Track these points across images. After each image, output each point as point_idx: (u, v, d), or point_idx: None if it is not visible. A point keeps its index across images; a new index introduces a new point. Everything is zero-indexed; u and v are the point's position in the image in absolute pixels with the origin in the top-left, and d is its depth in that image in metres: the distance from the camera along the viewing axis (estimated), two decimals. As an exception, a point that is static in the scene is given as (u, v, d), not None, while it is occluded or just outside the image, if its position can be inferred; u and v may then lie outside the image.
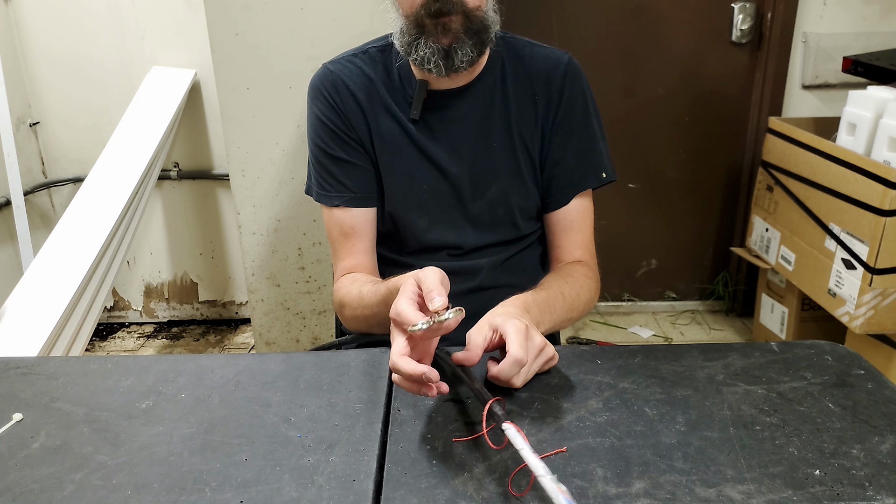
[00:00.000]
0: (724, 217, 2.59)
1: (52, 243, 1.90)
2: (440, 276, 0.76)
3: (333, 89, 1.07)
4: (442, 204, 1.09)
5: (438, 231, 1.10)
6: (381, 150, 1.07)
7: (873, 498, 0.63)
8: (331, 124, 1.06)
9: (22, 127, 2.35)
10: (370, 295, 0.95)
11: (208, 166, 2.45)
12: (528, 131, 1.08)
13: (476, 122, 1.07)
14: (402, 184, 1.08)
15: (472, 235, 1.10)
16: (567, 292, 0.99)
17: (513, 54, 1.09)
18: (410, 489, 0.65)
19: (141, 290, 2.63)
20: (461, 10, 0.94)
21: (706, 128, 2.46)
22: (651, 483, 0.65)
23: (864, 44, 2.25)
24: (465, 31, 0.96)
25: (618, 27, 2.34)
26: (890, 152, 1.70)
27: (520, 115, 1.07)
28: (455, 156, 1.07)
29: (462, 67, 0.98)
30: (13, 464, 0.69)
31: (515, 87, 1.08)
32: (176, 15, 2.26)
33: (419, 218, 1.09)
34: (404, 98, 1.07)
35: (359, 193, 1.08)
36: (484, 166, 1.07)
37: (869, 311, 1.76)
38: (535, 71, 1.08)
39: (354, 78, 1.07)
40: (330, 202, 1.08)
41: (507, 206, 1.09)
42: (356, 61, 1.09)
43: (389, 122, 1.07)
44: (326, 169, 1.08)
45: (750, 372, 0.83)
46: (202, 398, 0.80)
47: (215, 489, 0.65)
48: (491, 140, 1.07)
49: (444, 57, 0.96)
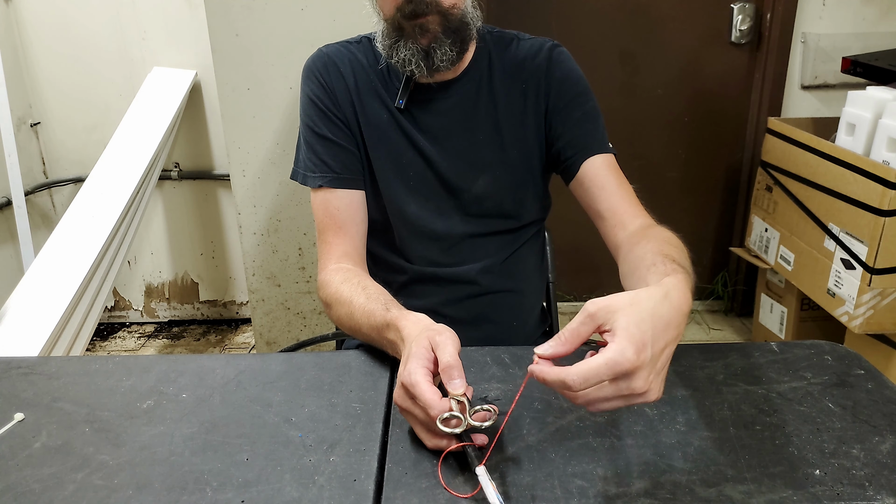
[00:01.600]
0: (723, 217, 2.59)
1: (53, 243, 1.90)
2: (456, 344, 0.70)
3: (325, 70, 1.08)
4: (428, 192, 1.09)
5: (426, 218, 1.09)
6: (368, 134, 1.07)
7: (873, 498, 0.63)
8: (320, 103, 1.07)
9: (23, 127, 2.35)
10: (362, 313, 0.89)
11: (209, 166, 2.45)
12: (519, 122, 1.08)
13: (461, 116, 1.07)
14: (390, 168, 1.08)
15: (460, 224, 1.10)
16: (675, 245, 0.84)
17: (500, 48, 1.10)
18: (411, 489, 0.65)
19: (142, 289, 2.63)
20: (436, 10, 0.95)
21: (705, 128, 2.47)
22: (651, 483, 0.65)
23: (863, 44, 2.25)
24: (444, 31, 0.96)
25: (617, 27, 2.35)
26: (889, 152, 1.70)
27: (508, 108, 1.08)
28: (440, 148, 1.07)
29: (443, 66, 0.98)
30: (15, 463, 0.69)
31: (503, 80, 1.08)
32: (176, 16, 2.26)
33: (406, 203, 1.08)
34: (393, 87, 1.07)
35: (342, 174, 1.07)
36: (470, 160, 1.08)
37: (868, 310, 1.76)
38: (520, 61, 1.09)
39: (346, 61, 1.08)
40: (313, 182, 1.07)
41: (496, 200, 1.09)
42: (351, 47, 1.10)
43: (378, 107, 1.07)
44: (312, 149, 1.07)
45: (750, 372, 0.83)
46: (203, 398, 0.80)
47: (216, 489, 0.65)
48: (476, 134, 1.08)
49: (425, 57, 0.97)
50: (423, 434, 0.70)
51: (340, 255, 1.05)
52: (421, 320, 0.79)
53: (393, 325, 0.82)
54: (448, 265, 1.11)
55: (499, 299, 1.14)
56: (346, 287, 0.96)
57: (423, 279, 1.11)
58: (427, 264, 1.11)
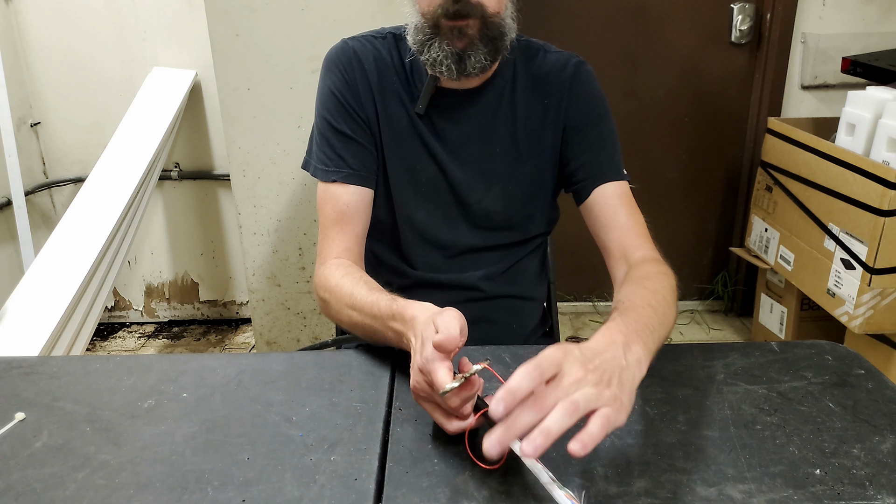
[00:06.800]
0: (723, 217, 2.59)
1: (53, 243, 1.90)
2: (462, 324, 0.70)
3: (349, 64, 1.05)
4: (438, 200, 1.08)
5: (434, 226, 1.08)
6: (386, 134, 1.06)
7: (874, 497, 0.63)
8: (341, 98, 1.05)
9: (23, 127, 2.35)
10: (365, 303, 0.88)
11: (209, 166, 2.45)
12: (537, 137, 1.07)
13: (480, 126, 1.06)
14: (403, 172, 1.06)
15: (466, 234, 1.09)
16: (654, 302, 0.81)
17: (525, 58, 1.08)
18: (412, 488, 0.65)
19: (142, 289, 2.63)
20: (479, 15, 0.93)
21: (705, 128, 2.47)
22: (652, 482, 0.65)
23: (862, 44, 2.26)
24: (481, 37, 0.94)
25: (618, 27, 2.35)
26: (889, 152, 1.71)
27: (527, 121, 1.06)
28: (455, 157, 1.06)
29: (474, 73, 0.97)
30: (15, 463, 0.69)
31: (525, 92, 1.07)
32: (177, 15, 2.26)
33: (416, 209, 1.08)
34: (414, 90, 1.06)
35: (358, 171, 1.05)
36: (484, 170, 1.07)
37: (868, 311, 1.76)
38: (544, 74, 1.07)
39: (370, 58, 1.06)
40: (327, 177, 1.05)
41: (506, 213, 1.08)
42: (375, 42, 1.07)
43: (398, 109, 1.05)
44: (329, 143, 1.05)
45: (750, 371, 0.83)
46: (204, 398, 0.80)
47: (217, 488, 0.65)
48: (493, 145, 1.06)
49: (457, 61, 0.95)
50: (443, 420, 0.69)
51: (342, 250, 1.03)
52: (428, 308, 0.78)
53: (399, 314, 0.80)
54: (450, 272, 1.11)
55: (499, 303, 1.13)
56: (347, 280, 0.95)
57: (425, 284, 1.11)
58: (430, 270, 1.11)
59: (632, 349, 0.67)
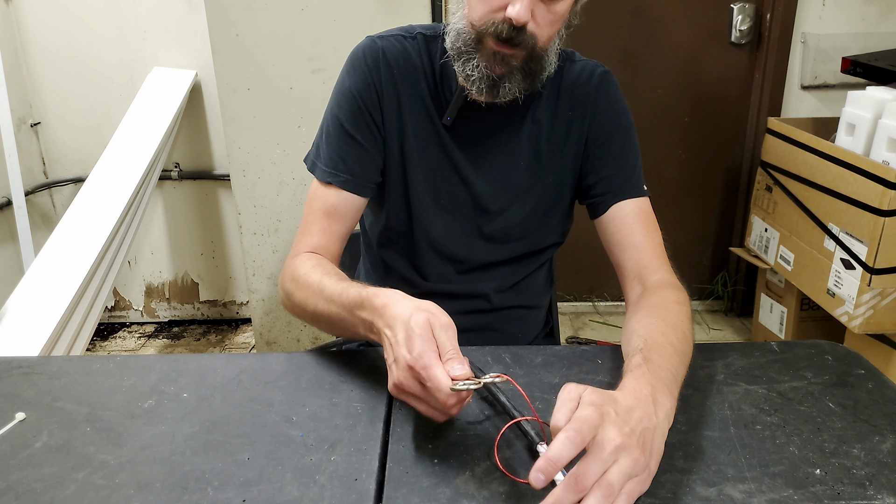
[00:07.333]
0: (723, 217, 2.59)
1: (53, 243, 1.90)
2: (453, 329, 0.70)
3: (375, 65, 1.00)
4: (457, 212, 1.05)
5: (449, 239, 1.06)
6: (408, 144, 1.02)
7: (874, 497, 0.63)
8: (360, 101, 1.00)
9: (23, 127, 2.35)
10: (333, 291, 0.85)
11: (209, 167, 2.45)
12: (559, 150, 1.04)
13: (504, 138, 1.03)
14: (423, 181, 1.03)
15: (481, 250, 1.07)
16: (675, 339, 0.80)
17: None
18: (412, 488, 0.65)
19: (142, 289, 2.63)
20: (529, 46, 0.89)
21: (705, 128, 2.47)
22: (652, 482, 0.65)
23: (862, 44, 2.26)
24: (522, 69, 0.91)
25: (617, 27, 2.35)
26: (889, 152, 1.71)
27: (551, 134, 1.03)
28: (478, 169, 1.03)
29: (504, 100, 0.95)
30: (16, 463, 0.69)
31: (550, 104, 1.04)
32: (177, 16, 2.26)
33: (433, 221, 1.05)
34: (441, 97, 1.02)
35: (358, 179, 1.01)
36: (506, 184, 1.04)
37: (868, 310, 1.76)
38: (570, 85, 1.04)
39: (400, 60, 1.01)
40: (324, 177, 1.01)
41: (524, 227, 1.06)
42: (406, 43, 1.02)
43: (422, 116, 1.02)
44: (334, 143, 1.01)
45: (750, 371, 0.83)
46: (204, 398, 0.80)
47: (217, 488, 0.65)
48: (517, 159, 1.03)
49: (491, 86, 0.92)
50: (432, 412, 0.69)
51: (319, 246, 1.00)
52: (401, 297, 0.75)
53: (368, 301, 0.77)
54: (461, 284, 1.09)
55: (507, 314, 1.12)
56: (317, 271, 0.91)
57: (434, 294, 1.08)
58: (440, 281, 1.09)
59: (661, 403, 0.67)
